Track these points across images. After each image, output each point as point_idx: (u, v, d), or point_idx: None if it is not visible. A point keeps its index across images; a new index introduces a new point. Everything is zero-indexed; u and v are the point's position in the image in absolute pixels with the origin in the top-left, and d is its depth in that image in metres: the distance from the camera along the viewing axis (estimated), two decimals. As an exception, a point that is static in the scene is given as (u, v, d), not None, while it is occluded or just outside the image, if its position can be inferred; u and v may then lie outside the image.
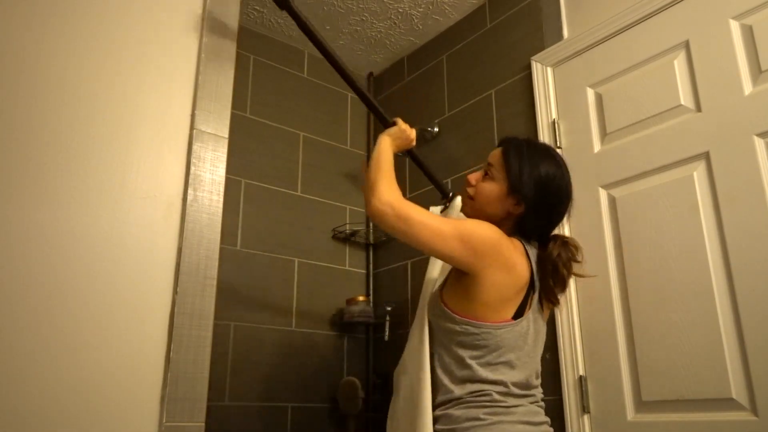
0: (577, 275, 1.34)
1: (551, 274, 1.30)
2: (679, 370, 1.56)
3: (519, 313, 1.25)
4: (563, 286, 1.33)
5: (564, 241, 1.34)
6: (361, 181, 1.40)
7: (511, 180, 1.32)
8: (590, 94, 1.96)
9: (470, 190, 1.39)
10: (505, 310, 1.24)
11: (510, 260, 1.24)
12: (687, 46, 1.73)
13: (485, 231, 1.24)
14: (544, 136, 2.04)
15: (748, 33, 1.61)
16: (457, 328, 1.24)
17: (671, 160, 1.70)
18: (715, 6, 1.68)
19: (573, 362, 1.80)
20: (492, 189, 1.34)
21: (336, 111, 2.85)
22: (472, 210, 1.38)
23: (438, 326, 1.30)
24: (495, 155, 1.38)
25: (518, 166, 1.32)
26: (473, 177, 1.39)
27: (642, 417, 1.63)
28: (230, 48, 1.25)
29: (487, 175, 1.36)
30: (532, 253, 1.31)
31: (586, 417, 1.74)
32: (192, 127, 1.16)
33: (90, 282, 0.99)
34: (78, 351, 0.95)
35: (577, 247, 1.34)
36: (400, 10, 2.53)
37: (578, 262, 1.34)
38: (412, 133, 1.54)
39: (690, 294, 1.58)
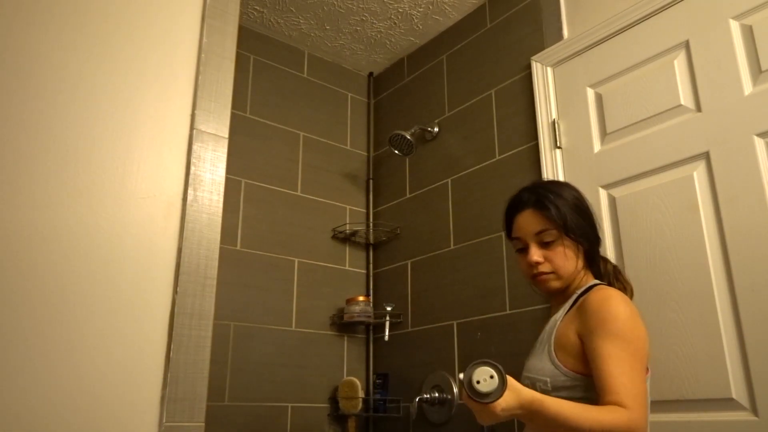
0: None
1: (623, 286, 1.37)
2: (679, 370, 1.56)
3: None
4: (633, 292, 1.39)
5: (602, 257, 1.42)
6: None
7: (564, 226, 1.30)
8: (590, 94, 1.96)
9: (545, 267, 1.32)
10: None
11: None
12: (687, 46, 1.73)
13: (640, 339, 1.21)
14: (544, 136, 2.04)
15: (748, 33, 1.61)
16: None
17: (671, 160, 1.69)
18: (715, 6, 1.68)
19: (573, 362, 1.79)
20: (562, 249, 1.30)
21: (336, 111, 2.85)
22: (559, 281, 1.33)
23: None
24: (531, 221, 1.33)
25: (557, 210, 1.29)
26: (536, 255, 1.32)
27: (642, 417, 1.63)
28: (230, 48, 1.25)
29: (544, 244, 1.32)
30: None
31: (586, 417, 1.74)
32: (192, 127, 1.15)
33: (90, 282, 0.99)
34: (77, 351, 0.95)
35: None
36: (400, 10, 2.53)
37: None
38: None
39: (690, 294, 1.58)
